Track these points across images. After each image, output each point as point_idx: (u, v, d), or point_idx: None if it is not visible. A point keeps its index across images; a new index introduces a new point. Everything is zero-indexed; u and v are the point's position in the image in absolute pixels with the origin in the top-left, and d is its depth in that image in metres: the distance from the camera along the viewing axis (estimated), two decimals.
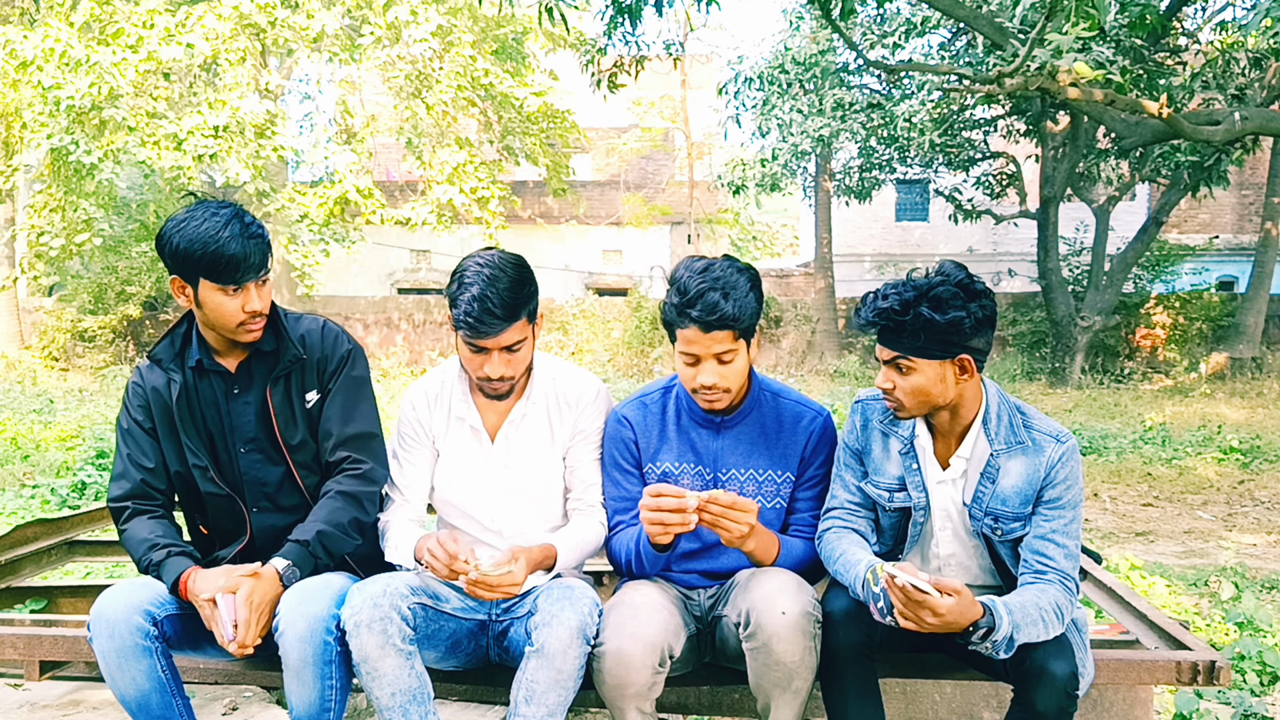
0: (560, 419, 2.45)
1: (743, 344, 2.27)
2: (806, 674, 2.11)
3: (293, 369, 2.35)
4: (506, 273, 2.26)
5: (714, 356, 2.24)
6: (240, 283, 2.22)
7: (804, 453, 2.40)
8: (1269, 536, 6.58)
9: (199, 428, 2.35)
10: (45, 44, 13.99)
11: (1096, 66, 7.62)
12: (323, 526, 2.25)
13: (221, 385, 2.35)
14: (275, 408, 2.33)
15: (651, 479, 2.41)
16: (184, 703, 2.22)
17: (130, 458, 2.35)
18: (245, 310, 2.24)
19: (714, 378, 2.25)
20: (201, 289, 2.22)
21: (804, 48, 13.99)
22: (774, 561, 2.31)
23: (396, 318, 20.94)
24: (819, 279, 20.31)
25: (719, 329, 2.20)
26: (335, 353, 2.38)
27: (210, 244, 2.17)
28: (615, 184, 24.30)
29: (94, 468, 7.09)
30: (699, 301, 2.19)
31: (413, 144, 17.11)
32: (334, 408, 2.36)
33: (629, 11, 7.63)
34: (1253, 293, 17.37)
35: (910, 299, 2.09)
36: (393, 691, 2.12)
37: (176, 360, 2.36)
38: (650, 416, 2.44)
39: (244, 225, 2.22)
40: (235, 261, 2.19)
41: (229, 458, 2.36)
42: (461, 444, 2.44)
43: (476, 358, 2.30)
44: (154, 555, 2.24)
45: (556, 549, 2.32)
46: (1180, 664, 2.28)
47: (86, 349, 19.19)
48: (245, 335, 2.29)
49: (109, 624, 2.11)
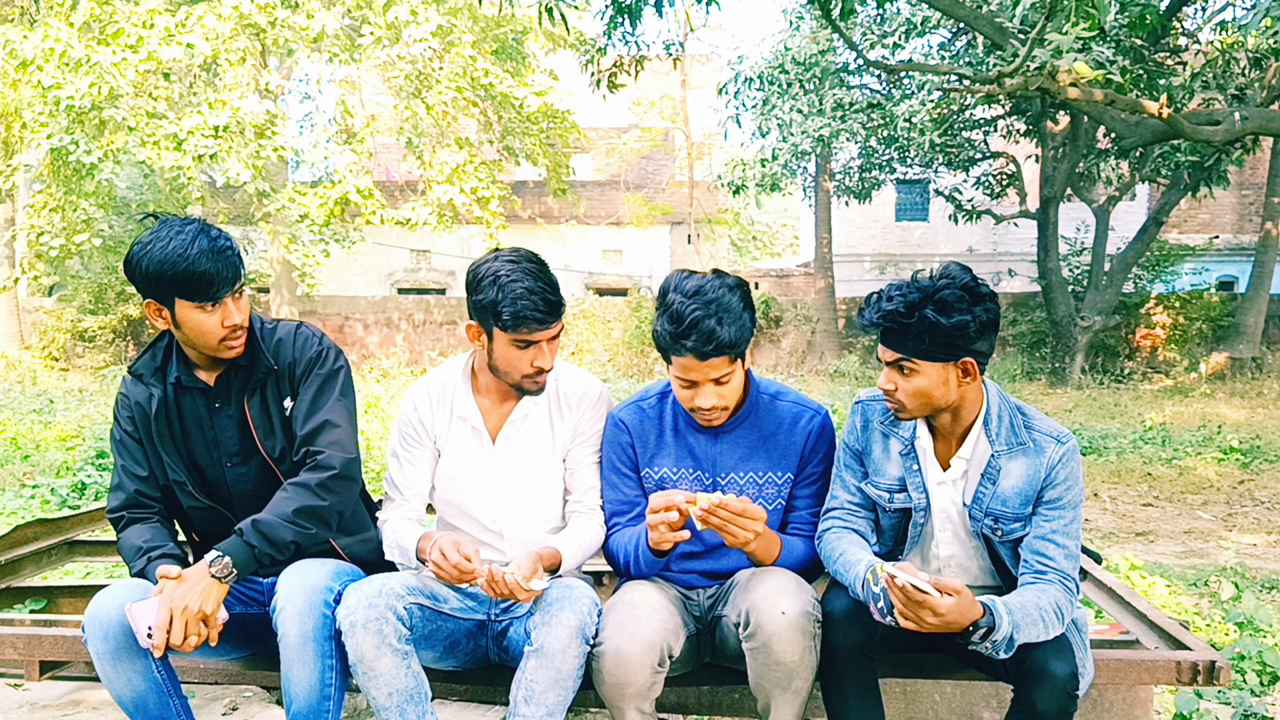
0: (561, 420, 2.45)
1: (739, 363, 2.25)
2: (806, 674, 2.11)
3: (266, 379, 2.34)
4: (538, 263, 2.29)
5: (711, 381, 2.22)
6: (217, 298, 2.20)
7: (803, 451, 2.39)
8: (1269, 536, 6.59)
9: (177, 443, 2.34)
10: (45, 44, 14.00)
11: (1096, 66, 7.62)
12: (261, 516, 2.21)
13: (203, 400, 2.34)
14: (254, 419, 2.33)
15: (649, 484, 2.40)
16: (181, 703, 2.22)
17: (124, 468, 2.36)
18: (225, 325, 2.23)
19: (712, 399, 2.24)
20: (179, 309, 2.21)
21: (804, 48, 13.98)
22: (775, 561, 2.31)
23: (396, 318, 20.94)
24: (819, 279, 20.32)
25: (715, 356, 2.17)
26: (304, 355, 2.36)
27: (180, 262, 2.15)
28: (615, 184, 24.31)
29: (94, 468, 7.09)
30: (693, 331, 2.13)
31: (413, 144, 17.12)
32: (300, 408, 2.33)
33: (629, 11, 7.63)
34: (1253, 293, 17.38)
35: (915, 301, 2.08)
36: (389, 692, 2.11)
37: (157, 375, 2.35)
38: (648, 421, 2.44)
39: (211, 239, 2.19)
40: (209, 277, 2.17)
41: (218, 472, 2.35)
42: (463, 444, 2.44)
43: (526, 354, 2.29)
44: (139, 561, 2.24)
45: (562, 554, 2.32)
46: (1180, 664, 2.28)
47: (86, 349, 19.20)
48: (227, 352, 2.28)
49: (103, 625, 2.11)
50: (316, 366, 2.36)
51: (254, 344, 2.33)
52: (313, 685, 2.11)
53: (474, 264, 2.33)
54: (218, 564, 2.12)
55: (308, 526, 2.22)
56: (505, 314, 2.22)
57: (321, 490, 2.25)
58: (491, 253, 2.35)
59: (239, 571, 2.14)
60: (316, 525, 2.24)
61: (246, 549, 2.16)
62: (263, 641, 2.31)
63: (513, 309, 2.21)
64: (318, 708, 2.12)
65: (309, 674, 2.10)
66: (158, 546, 2.26)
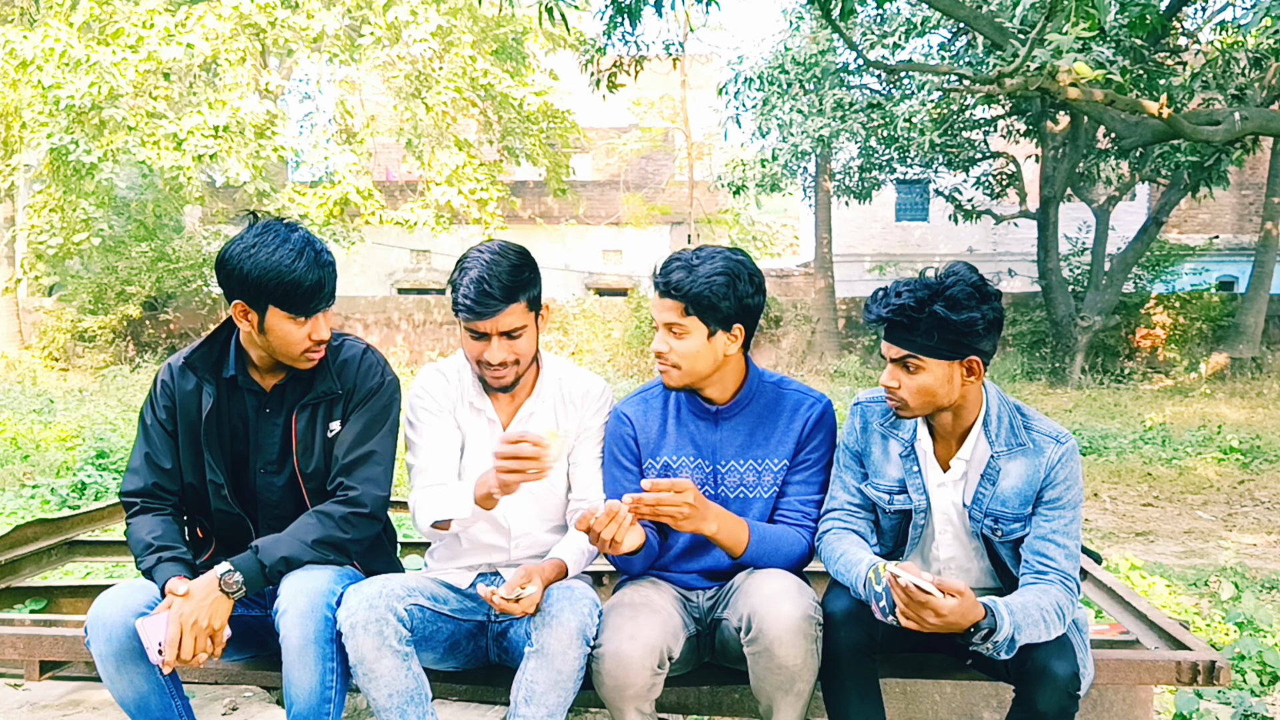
0: (566, 417, 2.46)
1: (700, 327, 2.27)
2: (809, 676, 2.11)
3: (323, 400, 2.32)
4: (507, 257, 2.29)
5: (665, 325, 2.29)
6: (311, 312, 2.19)
7: (800, 437, 2.40)
8: (1269, 536, 6.58)
9: (224, 445, 2.31)
10: (45, 44, 14.00)
11: (1096, 66, 7.62)
12: (281, 537, 2.20)
13: (253, 402, 2.32)
14: (298, 434, 2.30)
15: (651, 473, 2.41)
16: (183, 704, 2.22)
17: (149, 456, 2.32)
18: (312, 339, 2.22)
19: (663, 345, 2.31)
20: (270, 316, 2.18)
21: (804, 48, 13.98)
22: (746, 545, 2.28)
23: (396, 318, 20.94)
24: (819, 279, 20.31)
25: (667, 297, 2.27)
26: (364, 384, 2.33)
27: (286, 274, 2.13)
28: (615, 184, 24.31)
29: (94, 468, 7.08)
30: (664, 268, 2.30)
31: (412, 145, 17.12)
32: (347, 434, 2.31)
33: (629, 11, 7.63)
34: (1253, 293, 17.37)
35: (925, 297, 2.09)
36: (390, 693, 2.11)
37: (213, 370, 2.31)
38: (650, 412, 2.45)
39: (316, 253, 2.18)
40: (311, 292, 2.16)
41: (249, 476, 2.34)
42: (477, 435, 2.43)
43: (477, 344, 2.31)
44: (148, 559, 2.22)
45: (566, 563, 2.31)
46: (1180, 664, 2.28)
47: (86, 349, 19.18)
48: (305, 363, 2.26)
49: (106, 627, 2.10)
50: (373, 399, 2.34)
51: (321, 360, 2.31)
52: (314, 688, 2.11)
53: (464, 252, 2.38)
54: (228, 579, 2.11)
55: (326, 556, 2.22)
56: (455, 299, 2.28)
57: (346, 525, 2.25)
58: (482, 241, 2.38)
59: (248, 589, 2.14)
60: (335, 555, 2.24)
61: (259, 568, 2.15)
62: (264, 644, 2.31)
63: (457, 294, 2.27)
64: (318, 710, 2.12)
65: (310, 677, 2.10)
66: (168, 547, 2.24)
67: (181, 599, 2.08)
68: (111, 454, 7.35)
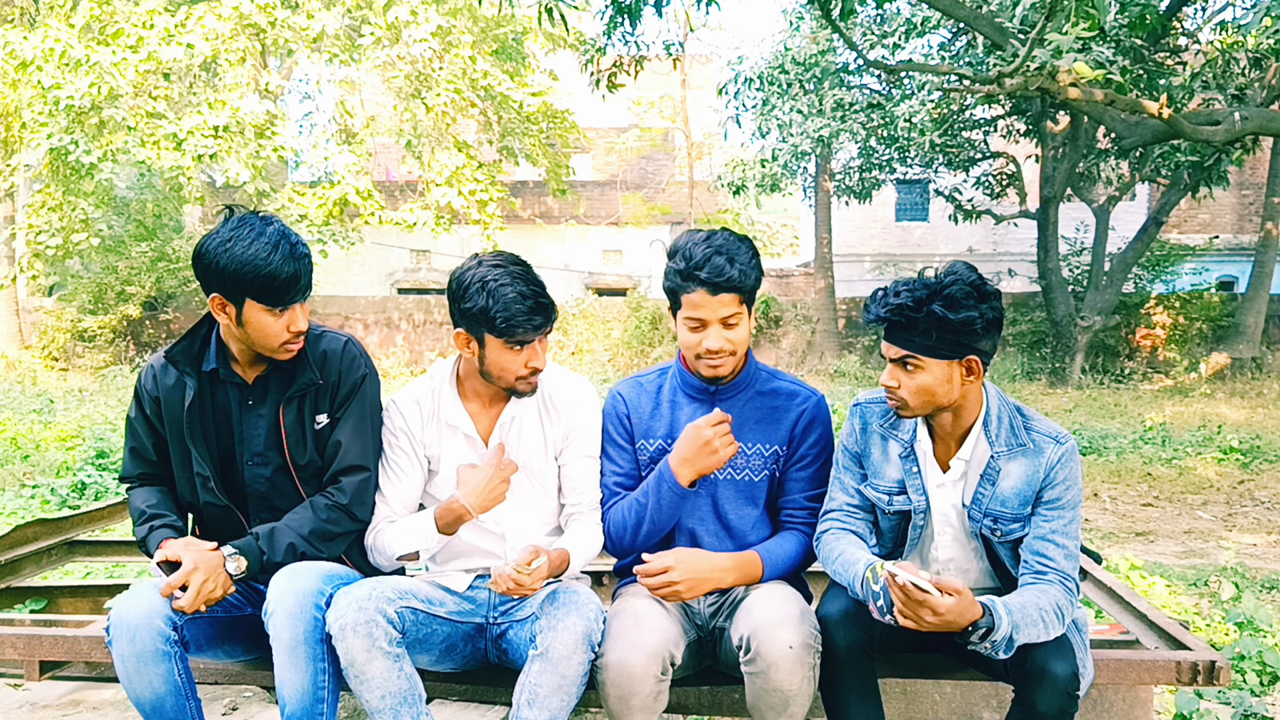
0: (551, 421, 2.45)
1: (746, 309, 2.30)
2: (804, 700, 2.13)
3: (307, 391, 2.34)
4: (525, 267, 2.31)
5: (720, 321, 2.28)
6: (288, 304, 2.21)
7: (794, 429, 2.41)
8: (1269, 536, 6.58)
9: (208, 437, 2.34)
10: (45, 44, 14.00)
11: (1096, 66, 7.61)
12: (279, 525, 2.26)
13: (236, 395, 2.34)
14: (287, 427, 2.32)
15: (643, 455, 2.44)
16: (196, 705, 2.22)
17: (136, 450, 2.41)
18: (290, 330, 2.24)
19: (720, 342, 2.29)
20: (247, 309, 2.21)
21: (804, 48, 13.98)
22: (762, 575, 2.34)
23: (396, 318, 20.93)
24: (819, 279, 20.30)
25: (726, 291, 2.24)
26: (349, 377, 2.37)
27: (262, 266, 2.15)
28: (615, 184, 24.30)
29: (94, 468, 7.09)
30: (706, 265, 2.23)
31: (412, 145, 17.12)
32: (342, 433, 2.35)
33: (629, 11, 7.63)
34: (1253, 293, 17.37)
35: (923, 296, 2.09)
36: (382, 694, 2.11)
37: (193, 364, 2.34)
38: (645, 394, 2.48)
39: (291, 246, 2.20)
40: (287, 284, 2.18)
41: (236, 468, 2.35)
42: (457, 454, 2.42)
43: (520, 356, 2.30)
44: (142, 528, 2.30)
45: (571, 556, 2.32)
46: (1180, 664, 2.28)
47: (86, 349, 19.18)
48: (284, 354, 2.28)
49: (130, 628, 2.11)
50: (359, 392, 2.38)
51: (300, 351, 2.33)
52: (305, 688, 2.11)
53: (456, 271, 2.33)
54: (234, 561, 2.18)
55: (319, 548, 2.28)
56: (499, 320, 2.22)
57: (341, 519, 2.31)
58: (472, 258, 2.34)
59: (247, 574, 2.20)
60: (327, 548, 2.30)
61: (258, 554, 2.21)
62: (264, 644, 2.31)
63: (506, 314, 2.22)
64: (311, 710, 2.12)
65: (301, 677, 2.11)
66: (160, 515, 2.31)
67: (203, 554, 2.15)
68: (111, 454, 7.36)
